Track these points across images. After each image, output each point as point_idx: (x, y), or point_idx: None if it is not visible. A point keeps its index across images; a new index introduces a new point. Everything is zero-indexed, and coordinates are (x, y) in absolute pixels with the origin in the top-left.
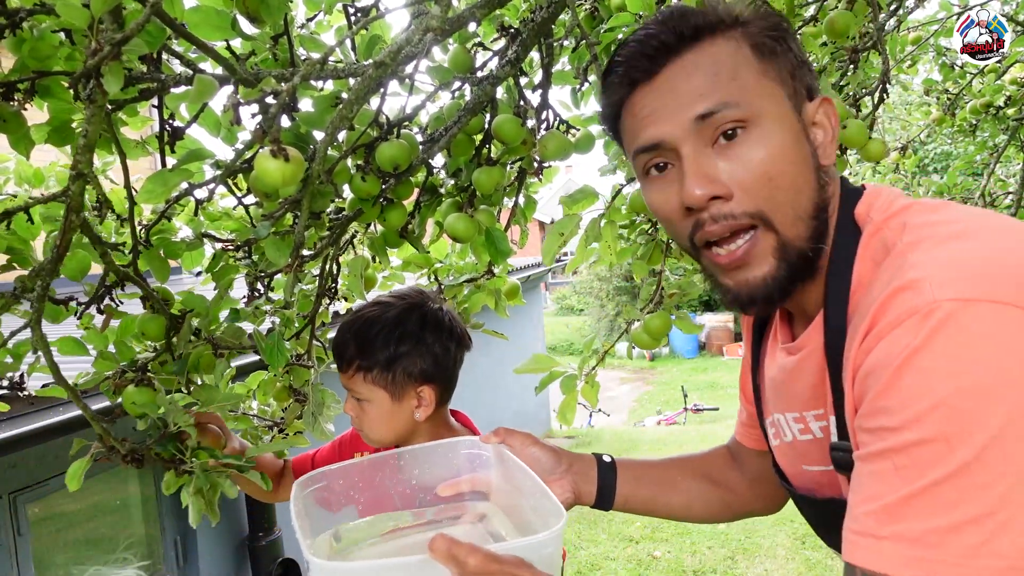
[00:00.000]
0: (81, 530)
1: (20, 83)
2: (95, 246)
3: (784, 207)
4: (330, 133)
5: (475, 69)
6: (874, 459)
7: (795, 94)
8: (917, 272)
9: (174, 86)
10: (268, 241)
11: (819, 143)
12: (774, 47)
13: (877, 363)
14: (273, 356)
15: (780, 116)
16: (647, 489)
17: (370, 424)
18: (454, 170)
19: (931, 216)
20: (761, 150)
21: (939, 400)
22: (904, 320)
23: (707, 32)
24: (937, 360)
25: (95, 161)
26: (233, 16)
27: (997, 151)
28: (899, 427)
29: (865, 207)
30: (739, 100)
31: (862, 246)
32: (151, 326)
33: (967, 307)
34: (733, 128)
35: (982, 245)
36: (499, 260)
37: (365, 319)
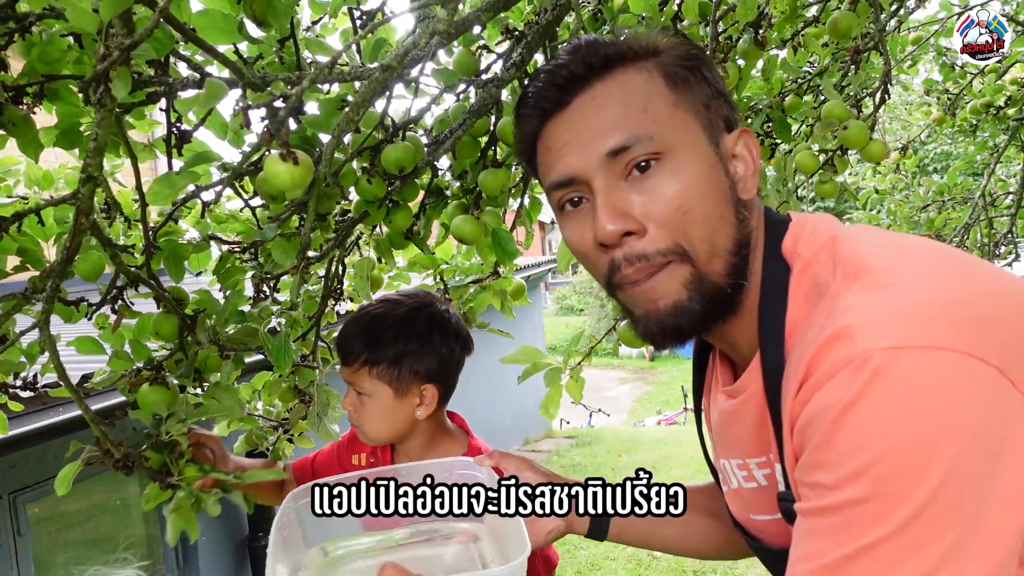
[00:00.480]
0: (81, 530)
1: (29, 87)
2: (105, 248)
3: (700, 241)
4: (336, 136)
5: (480, 72)
6: (813, 515)
7: (710, 125)
8: (849, 318)
9: (181, 89)
10: (274, 243)
11: (739, 176)
12: (687, 77)
13: (813, 415)
14: (279, 357)
15: (694, 147)
16: (641, 522)
17: (370, 420)
18: (460, 172)
19: (855, 248)
20: (675, 183)
21: (875, 457)
22: (838, 371)
23: (618, 62)
24: (871, 414)
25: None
26: (240, 20)
27: (997, 151)
28: (836, 485)
29: (792, 240)
30: (651, 133)
31: (794, 284)
32: (165, 326)
33: (900, 355)
34: (646, 160)
35: (916, 286)
36: (505, 261)
37: (374, 315)
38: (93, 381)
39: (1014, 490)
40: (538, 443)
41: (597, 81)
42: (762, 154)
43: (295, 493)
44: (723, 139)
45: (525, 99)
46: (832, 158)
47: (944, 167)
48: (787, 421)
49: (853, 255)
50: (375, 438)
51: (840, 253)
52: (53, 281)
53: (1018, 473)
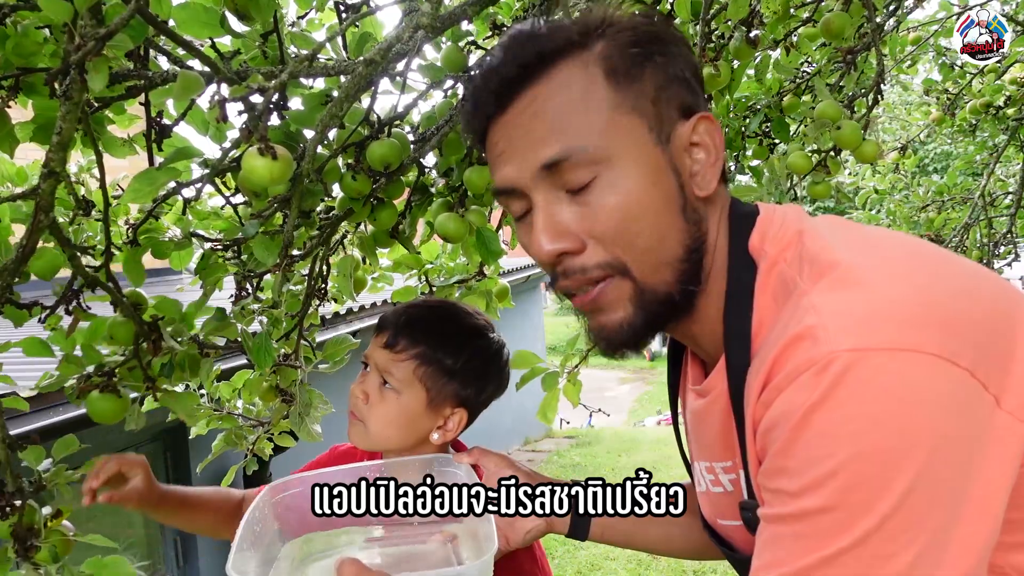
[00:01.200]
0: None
1: (4, 80)
2: (63, 248)
3: (643, 255)
4: (320, 131)
5: (468, 67)
6: (774, 522)
7: (660, 121)
8: (813, 318)
9: (161, 83)
10: (257, 240)
11: (695, 171)
12: (634, 67)
13: (776, 419)
14: (260, 355)
15: (636, 155)
16: (624, 522)
17: (384, 418)
18: (445, 169)
19: (821, 244)
20: (614, 196)
21: (838, 465)
22: (801, 373)
23: (555, 57)
24: (835, 420)
25: (80, 159)
26: (222, 13)
27: (997, 151)
28: (798, 492)
29: (759, 237)
30: (586, 143)
31: (760, 283)
32: (120, 330)
33: (865, 357)
34: (583, 184)
35: (881, 284)
36: (490, 261)
37: (450, 311)
38: (39, 385)
39: (986, 495)
40: (538, 443)
41: (532, 85)
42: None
43: (273, 487)
44: (676, 130)
45: (466, 99)
46: (825, 159)
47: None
48: (750, 424)
49: (819, 251)
50: (377, 441)
51: (806, 250)
52: (4, 281)
53: (990, 478)
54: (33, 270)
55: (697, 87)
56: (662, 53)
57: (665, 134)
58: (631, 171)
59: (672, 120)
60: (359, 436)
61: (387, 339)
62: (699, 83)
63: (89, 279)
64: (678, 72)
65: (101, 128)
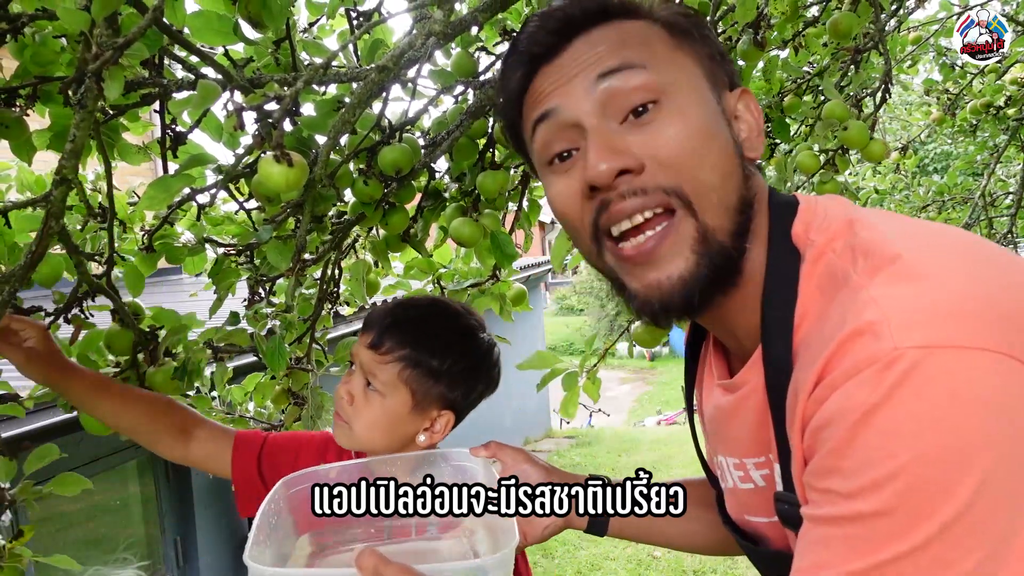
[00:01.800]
0: (81, 530)
1: (22, 89)
2: (71, 255)
3: (706, 189)
4: (332, 137)
5: (478, 73)
6: (823, 523)
7: (713, 78)
8: (875, 312)
9: (176, 91)
10: (270, 245)
11: (743, 136)
12: (689, 30)
13: (830, 417)
14: (274, 359)
15: (697, 92)
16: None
17: (368, 420)
18: (458, 174)
19: (877, 236)
20: (678, 125)
21: (900, 467)
22: (862, 370)
23: (616, 14)
24: (899, 419)
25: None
26: (235, 21)
27: (997, 151)
28: (853, 494)
29: (803, 226)
30: (648, 63)
31: (805, 273)
32: (118, 340)
33: (932, 355)
34: (644, 104)
35: (943, 278)
36: (505, 264)
37: (438, 312)
38: (33, 395)
39: None
40: (538, 443)
41: (593, 28)
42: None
43: (287, 480)
44: (725, 95)
45: (514, 47)
46: (833, 158)
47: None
48: (797, 420)
49: (875, 243)
50: (362, 442)
51: (860, 241)
52: (11, 287)
53: None
54: (34, 277)
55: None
56: (710, 31)
57: (718, 92)
58: (694, 103)
59: (723, 84)
60: (344, 437)
61: (372, 339)
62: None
63: (95, 287)
64: (722, 50)
65: (116, 135)
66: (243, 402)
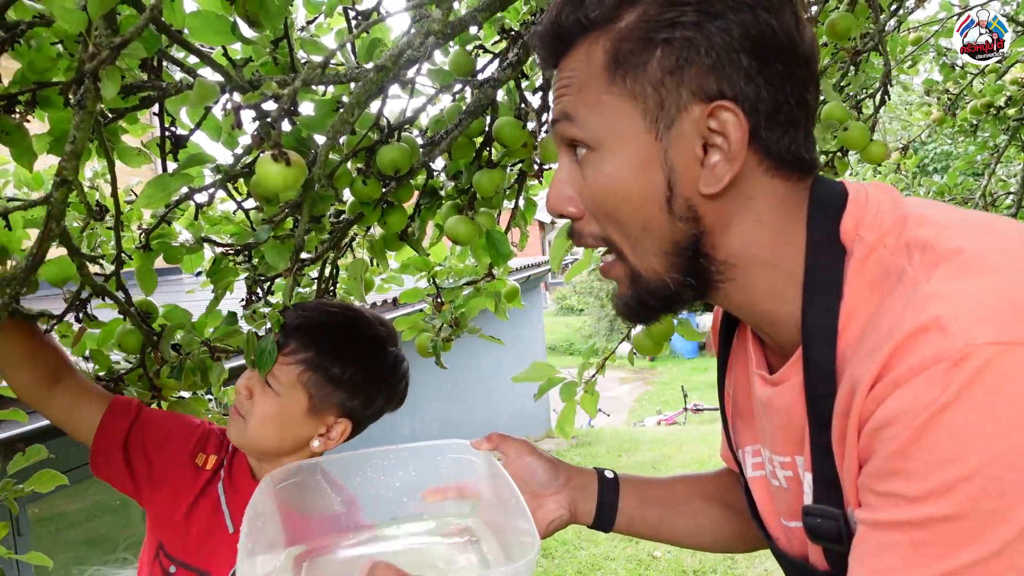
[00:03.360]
0: (81, 530)
1: (21, 95)
2: (73, 257)
3: (629, 240)
4: (331, 137)
5: (476, 72)
6: (886, 528)
7: (661, 107)
8: (940, 307)
9: (174, 94)
10: (268, 245)
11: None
12: (642, 48)
13: (893, 416)
14: (262, 359)
15: (622, 142)
16: (653, 510)
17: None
18: (454, 173)
19: (933, 231)
20: (598, 177)
21: (973, 469)
22: (929, 367)
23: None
24: (971, 419)
25: (96, 165)
26: (233, 21)
27: (998, 151)
28: (920, 497)
29: (852, 222)
30: (576, 115)
31: (853, 270)
32: (128, 339)
33: (1008, 352)
34: (576, 147)
35: (1009, 270)
36: (500, 262)
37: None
38: None
39: None
40: (538, 443)
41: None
42: None
43: (272, 476)
44: (684, 117)
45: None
46: (832, 160)
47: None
48: (854, 419)
49: (931, 238)
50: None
51: (914, 236)
52: (13, 289)
53: None
54: (44, 277)
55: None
56: (694, 27)
57: (667, 120)
58: (614, 157)
59: (680, 106)
60: (237, 433)
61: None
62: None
63: (97, 289)
64: (714, 48)
65: (115, 138)
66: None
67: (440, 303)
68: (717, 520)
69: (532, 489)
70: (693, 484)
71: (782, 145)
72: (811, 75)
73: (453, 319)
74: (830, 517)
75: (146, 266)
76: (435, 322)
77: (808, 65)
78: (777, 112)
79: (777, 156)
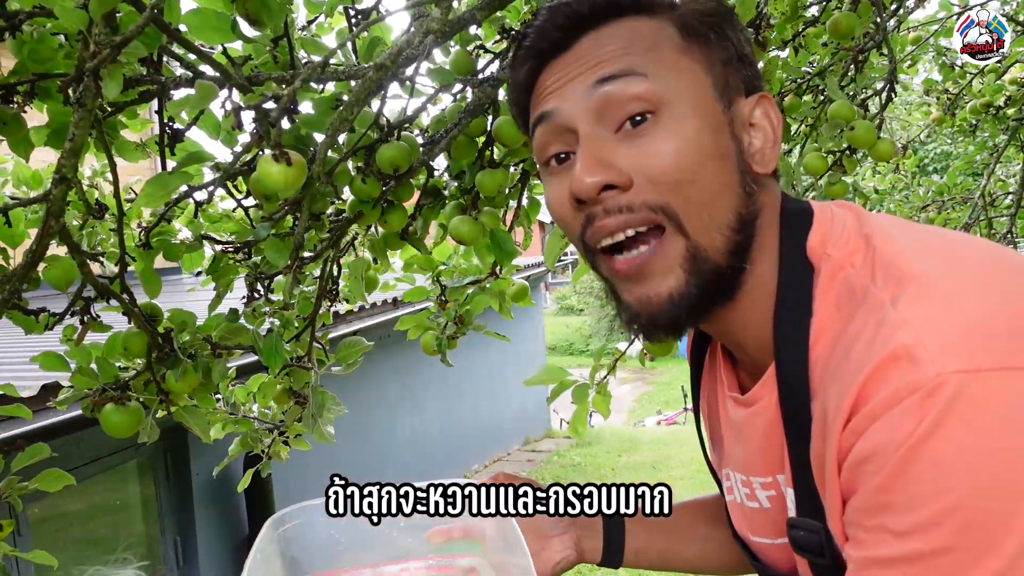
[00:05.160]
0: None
1: (20, 85)
2: (74, 255)
3: (696, 208)
4: (330, 135)
5: (476, 71)
6: (876, 566)
7: (724, 85)
8: (908, 334)
9: (174, 88)
10: (268, 243)
11: (755, 148)
12: (705, 32)
13: (872, 450)
14: (271, 357)
15: (699, 102)
16: (660, 540)
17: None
18: (457, 172)
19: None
20: (673, 139)
21: (957, 501)
22: (904, 398)
23: (629, 10)
24: (950, 450)
25: (95, 163)
26: (233, 19)
27: (997, 151)
28: (908, 532)
29: (819, 239)
30: (649, 71)
31: (821, 288)
32: (134, 342)
33: (977, 379)
34: (640, 114)
35: (975, 293)
36: (504, 261)
37: None
38: (56, 400)
39: None
40: (538, 443)
41: (602, 25)
42: None
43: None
44: (738, 103)
45: (523, 38)
46: (840, 159)
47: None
48: (832, 452)
49: (894, 257)
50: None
51: (879, 255)
52: (12, 286)
53: None
54: (48, 279)
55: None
56: (735, 29)
57: (727, 100)
58: (692, 115)
59: (735, 91)
60: None
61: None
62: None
63: (100, 288)
64: (745, 52)
65: (114, 133)
66: (246, 402)
67: (444, 301)
68: (725, 542)
69: (537, 530)
70: (697, 508)
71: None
72: None
73: (458, 316)
74: (813, 531)
75: (149, 268)
76: (440, 320)
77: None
78: None
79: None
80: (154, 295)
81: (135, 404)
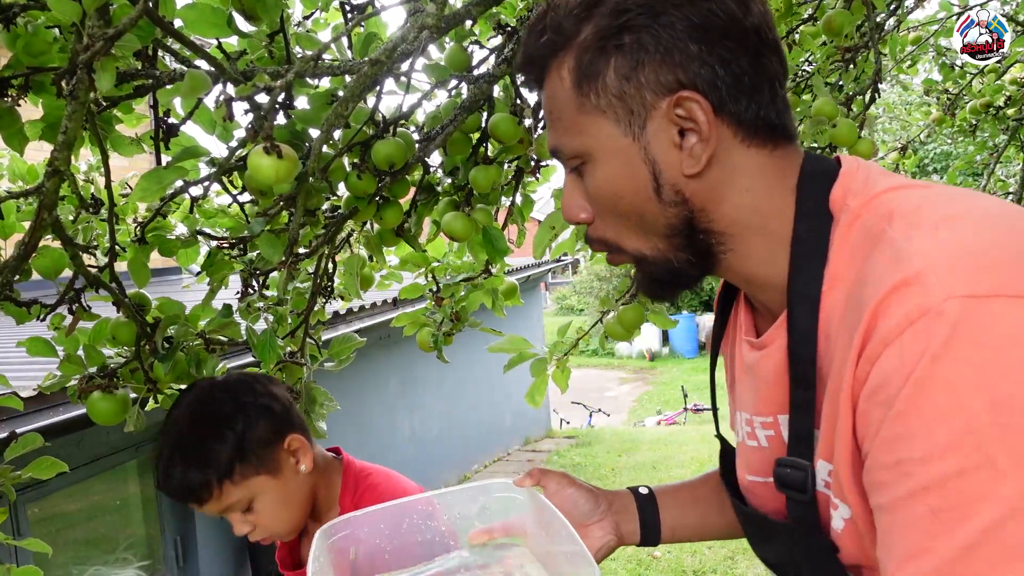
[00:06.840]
0: (81, 530)
1: (14, 79)
2: (66, 247)
3: (626, 232)
4: (325, 131)
5: (472, 67)
6: (903, 505)
7: (629, 111)
8: (918, 262)
9: (169, 83)
10: (263, 238)
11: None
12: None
13: (887, 376)
14: (265, 352)
15: (604, 151)
16: (692, 513)
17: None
18: (451, 169)
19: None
20: (594, 186)
21: (974, 418)
22: (914, 320)
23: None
24: (963, 370)
25: (90, 158)
26: (229, 13)
27: (997, 151)
28: (928, 456)
29: (841, 191)
30: (561, 145)
31: (838, 236)
32: (122, 331)
33: (985, 303)
34: (578, 165)
35: (984, 228)
36: (496, 259)
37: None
38: (41, 385)
39: None
40: (538, 443)
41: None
42: None
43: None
44: (654, 113)
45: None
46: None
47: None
48: (847, 383)
49: (912, 204)
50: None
51: (898, 204)
52: (5, 276)
53: None
54: (37, 269)
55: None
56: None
57: (639, 122)
58: (603, 165)
59: (647, 105)
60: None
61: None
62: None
63: (91, 279)
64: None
65: (109, 127)
66: None
67: (440, 298)
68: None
69: (576, 520)
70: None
71: (750, 113)
72: (764, 42)
73: (453, 313)
74: (799, 468)
75: (139, 259)
76: (436, 317)
77: (759, 33)
78: (738, 83)
79: (749, 125)
80: (142, 285)
81: (122, 392)
